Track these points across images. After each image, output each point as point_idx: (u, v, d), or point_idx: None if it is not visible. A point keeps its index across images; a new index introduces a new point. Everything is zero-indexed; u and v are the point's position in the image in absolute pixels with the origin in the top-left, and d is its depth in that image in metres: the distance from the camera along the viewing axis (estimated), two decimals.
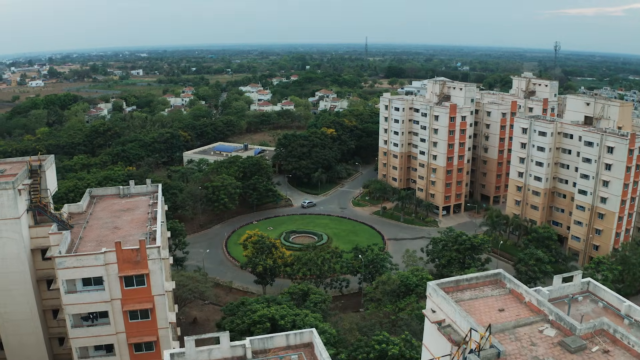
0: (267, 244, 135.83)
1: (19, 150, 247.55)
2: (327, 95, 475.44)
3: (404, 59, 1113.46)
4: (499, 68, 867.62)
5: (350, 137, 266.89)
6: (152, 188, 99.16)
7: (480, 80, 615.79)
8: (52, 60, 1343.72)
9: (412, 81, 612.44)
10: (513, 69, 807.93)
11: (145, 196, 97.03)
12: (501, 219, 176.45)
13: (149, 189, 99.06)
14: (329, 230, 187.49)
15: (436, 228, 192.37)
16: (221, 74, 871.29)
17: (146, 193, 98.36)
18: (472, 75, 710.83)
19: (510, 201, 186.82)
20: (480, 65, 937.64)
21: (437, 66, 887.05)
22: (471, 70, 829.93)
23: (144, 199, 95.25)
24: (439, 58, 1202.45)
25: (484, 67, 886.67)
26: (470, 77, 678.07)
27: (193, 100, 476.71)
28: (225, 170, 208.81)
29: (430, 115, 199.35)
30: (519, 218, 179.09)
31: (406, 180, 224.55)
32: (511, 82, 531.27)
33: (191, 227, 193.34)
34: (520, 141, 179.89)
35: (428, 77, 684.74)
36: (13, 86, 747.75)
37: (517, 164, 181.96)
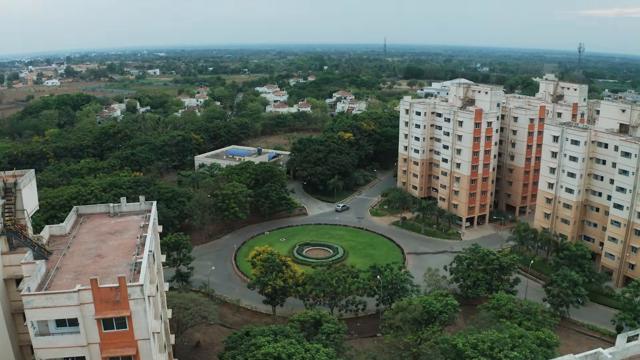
0: (277, 262, 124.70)
1: (25, 153, 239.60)
2: (345, 97, 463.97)
3: (423, 60, 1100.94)
4: (519, 69, 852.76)
5: (368, 141, 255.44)
6: (146, 206, 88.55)
7: (501, 82, 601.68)
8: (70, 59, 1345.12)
9: (432, 82, 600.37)
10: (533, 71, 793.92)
11: (138, 215, 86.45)
12: (529, 233, 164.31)
13: (142, 207, 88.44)
14: (345, 243, 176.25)
15: (459, 241, 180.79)
16: (238, 74, 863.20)
17: (139, 212, 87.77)
18: (492, 76, 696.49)
19: (539, 214, 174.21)
20: (500, 66, 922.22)
21: (457, 67, 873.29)
22: (491, 71, 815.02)
23: (136, 219, 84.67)
24: (458, 59, 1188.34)
25: (504, 69, 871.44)
26: (491, 79, 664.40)
27: (208, 101, 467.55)
28: (236, 177, 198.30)
29: (454, 121, 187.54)
30: (548, 232, 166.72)
31: (427, 188, 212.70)
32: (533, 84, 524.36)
33: (199, 237, 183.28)
34: (550, 150, 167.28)
35: (447, 78, 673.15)
36: (29, 85, 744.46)
37: (547, 174, 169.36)
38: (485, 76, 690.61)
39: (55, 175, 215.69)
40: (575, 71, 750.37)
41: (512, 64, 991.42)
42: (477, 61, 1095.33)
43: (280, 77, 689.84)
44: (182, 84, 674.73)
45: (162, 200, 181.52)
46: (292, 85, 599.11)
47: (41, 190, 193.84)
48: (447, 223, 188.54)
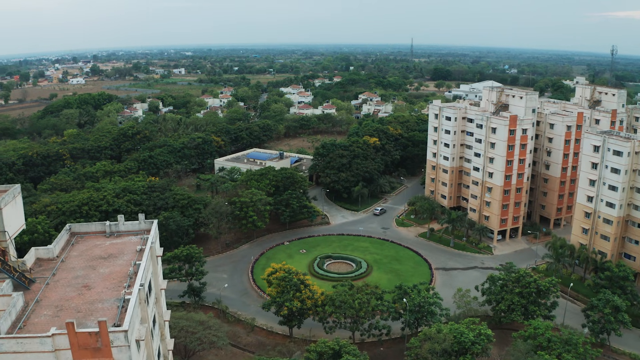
0: (294, 281, 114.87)
1: (41, 154, 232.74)
2: (371, 99, 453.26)
3: (450, 61, 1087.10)
4: (547, 71, 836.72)
5: (394, 146, 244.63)
6: (145, 225, 79.44)
7: (531, 85, 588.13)
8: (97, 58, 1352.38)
9: (460, 84, 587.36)
10: (562, 73, 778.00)
11: (136, 236, 77.34)
12: (566, 249, 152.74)
13: (142, 226, 79.34)
14: (369, 256, 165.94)
15: (490, 256, 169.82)
16: (263, 74, 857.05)
17: (137, 232, 78.67)
18: (521, 78, 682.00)
19: (577, 229, 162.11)
20: (529, 68, 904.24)
21: (484, 69, 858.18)
22: (519, 73, 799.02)
23: (133, 241, 75.53)
24: (486, 60, 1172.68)
25: (532, 70, 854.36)
26: (520, 81, 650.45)
27: (231, 101, 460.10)
28: (256, 184, 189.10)
29: (487, 127, 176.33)
30: (587, 249, 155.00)
31: (456, 198, 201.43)
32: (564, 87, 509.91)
33: (215, 247, 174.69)
34: (590, 160, 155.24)
35: (475, 80, 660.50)
36: (54, 83, 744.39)
37: (587, 186, 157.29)
38: (514, 78, 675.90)
39: (70, 178, 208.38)
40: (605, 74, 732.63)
41: (540, 65, 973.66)
42: (505, 63, 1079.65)
43: (305, 77, 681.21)
44: (207, 84, 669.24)
45: (177, 207, 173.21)
46: (317, 86, 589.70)
47: (53, 194, 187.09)
48: (477, 236, 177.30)
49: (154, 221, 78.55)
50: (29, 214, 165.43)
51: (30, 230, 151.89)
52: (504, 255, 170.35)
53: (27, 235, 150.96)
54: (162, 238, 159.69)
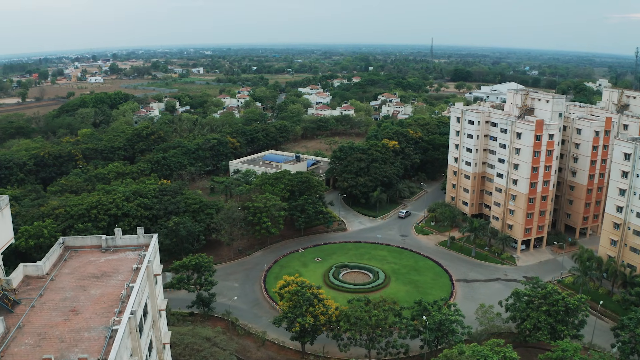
0: (307, 295, 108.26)
1: (52, 155, 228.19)
2: (390, 100, 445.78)
3: (470, 62, 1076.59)
4: (569, 73, 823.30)
5: (414, 150, 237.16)
6: (145, 240, 73.11)
7: (552, 87, 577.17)
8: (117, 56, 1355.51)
9: (481, 86, 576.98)
10: (584, 75, 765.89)
11: (134, 251, 71.20)
12: (593, 261, 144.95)
13: (140, 241, 73.02)
14: (387, 266, 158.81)
15: (514, 267, 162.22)
16: (282, 73, 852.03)
17: (136, 247, 72.49)
18: (542, 80, 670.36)
19: (605, 240, 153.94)
20: (550, 70, 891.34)
21: (505, 70, 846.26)
22: (540, 74, 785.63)
23: (130, 257, 69.39)
24: (506, 61, 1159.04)
25: (553, 72, 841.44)
26: (541, 83, 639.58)
27: (248, 101, 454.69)
28: (270, 188, 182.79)
29: (512, 132, 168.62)
30: (615, 262, 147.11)
31: (478, 205, 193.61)
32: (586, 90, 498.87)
33: (227, 254, 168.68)
34: (620, 169, 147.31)
35: (496, 81, 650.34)
36: (73, 82, 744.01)
37: (616, 196, 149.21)
38: (535, 80, 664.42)
39: (80, 180, 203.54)
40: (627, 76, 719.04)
41: (561, 67, 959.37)
42: (525, 64, 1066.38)
43: (324, 77, 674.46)
44: (225, 83, 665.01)
45: (189, 211, 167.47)
46: (336, 87, 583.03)
47: (62, 196, 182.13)
48: (500, 246, 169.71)
49: (154, 236, 72.26)
50: (36, 217, 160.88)
51: (36, 235, 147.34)
52: (528, 266, 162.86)
53: (32, 239, 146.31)
54: (172, 244, 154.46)
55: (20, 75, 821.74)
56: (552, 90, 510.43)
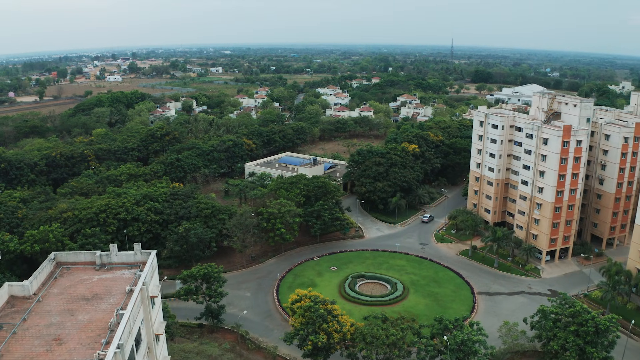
0: (320, 312, 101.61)
1: (64, 155, 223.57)
2: (410, 101, 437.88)
3: (491, 63, 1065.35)
4: (590, 75, 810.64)
5: (435, 154, 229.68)
6: (142, 257, 67.13)
7: (575, 89, 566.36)
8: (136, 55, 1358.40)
9: (502, 87, 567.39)
10: (606, 77, 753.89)
11: (130, 270, 65.27)
12: (622, 275, 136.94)
13: (138, 257, 67.06)
14: (406, 277, 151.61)
15: (538, 279, 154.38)
16: (301, 73, 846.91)
17: (132, 264, 66.57)
18: (564, 82, 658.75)
19: (634, 253, 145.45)
20: (571, 71, 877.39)
21: (526, 72, 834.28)
22: (562, 76, 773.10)
23: (125, 277, 63.44)
24: (527, 63, 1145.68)
25: (574, 74, 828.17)
26: (563, 85, 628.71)
27: (266, 102, 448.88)
28: (285, 193, 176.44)
29: (538, 138, 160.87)
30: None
31: (501, 212, 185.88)
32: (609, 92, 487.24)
33: (239, 261, 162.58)
34: None
35: (518, 83, 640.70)
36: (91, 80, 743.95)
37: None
38: (557, 82, 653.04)
39: (92, 182, 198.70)
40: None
41: (582, 69, 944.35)
42: (546, 65, 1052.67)
43: (342, 78, 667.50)
44: (243, 83, 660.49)
45: (200, 217, 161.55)
46: (355, 87, 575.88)
47: (72, 199, 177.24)
48: (524, 256, 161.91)
49: (151, 253, 66.23)
50: (43, 220, 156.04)
51: (42, 239, 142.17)
52: (553, 278, 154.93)
53: (38, 244, 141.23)
54: (182, 250, 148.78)
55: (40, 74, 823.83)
56: (574, 92, 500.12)
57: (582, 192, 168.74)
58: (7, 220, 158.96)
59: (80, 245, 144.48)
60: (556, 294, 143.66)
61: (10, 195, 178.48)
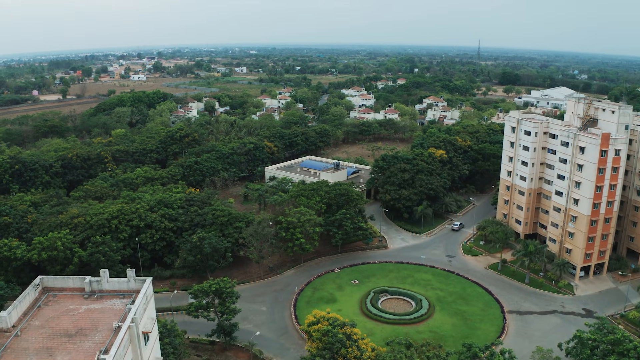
0: (339, 337, 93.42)
1: (81, 157, 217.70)
2: (437, 104, 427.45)
3: (518, 65, 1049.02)
4: (619, 78, 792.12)
5: (463, 160, 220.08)
6: (136, 285, 59.49)
7: (604, 92, 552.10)
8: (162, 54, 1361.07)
9: (531, 90, 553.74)
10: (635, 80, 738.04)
11: (122, 299, 57.89)
12: None
13: (131, 285, 59.47)
14: (431, 292, 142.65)
15: (571, 297, 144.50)
16: (325, 74, 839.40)
17: (125, 292, 59.00)
18: (593, 85, 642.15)
19: None
20: (599, 74, 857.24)
21: (554, 74, 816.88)
22: (590, 79, 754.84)
23: (116, 307, 56.00)
24: (554, 65, 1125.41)
25: (603, 77, 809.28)
26: (592, 88, 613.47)
27: (290, 102, 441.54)
28: (305, 200, 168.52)
29: (574, 146, 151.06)
30: None
31: (533, 224, 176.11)
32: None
33: (256, 271, 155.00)
34: None
35: (546, 85, 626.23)
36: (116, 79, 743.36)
37: None
38: (586, 85, 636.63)
39: (106, 185, 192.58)
40: None
41: (611, 72, 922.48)
42: (574, 68, 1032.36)
43: (368, 79, 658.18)
44: (267, 83, 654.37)
45: (216, 224, 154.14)
46: (380, 89, 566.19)
47: (85, 203, 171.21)
48: (557, 272, 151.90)
49: (147, 281, 58.63)
50: (53, 225, 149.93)
51: (49, 247, 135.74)
52: (587, 296, 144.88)
53: (46, 252, 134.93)
54: (196, 261, 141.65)
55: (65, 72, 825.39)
56: (604, 96, 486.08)
57: (619, 204, 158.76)
58: (17, 225, 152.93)
59: (90, 254, 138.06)
60: (591, 314, 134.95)
61: (21, 198, 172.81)
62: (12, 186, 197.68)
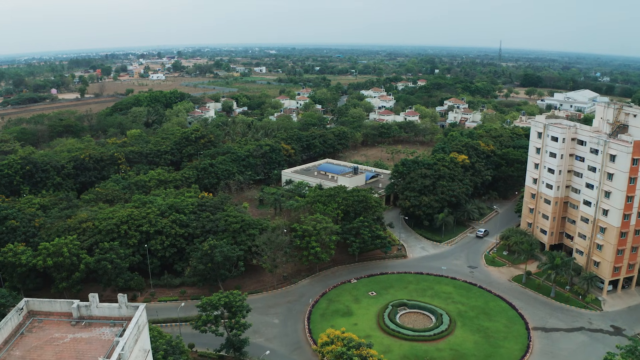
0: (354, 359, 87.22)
1: (94, 158, 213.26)
2: (458, 106, 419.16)
3: (539, 66, 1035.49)
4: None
5: (485, 165, 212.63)
6: (128, 311, 53.68)
7: (628, 95, 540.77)
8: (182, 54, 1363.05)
9: (554, 92, 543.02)
10: None
11: (112, 328, 52.07)
12: None
13: (123, 312, 53.66)
14: (452, 306, 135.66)
15: (599, 312, 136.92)
16: (345, 74, 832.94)
17: (116, 320, 53.26)
18: (616, 88, 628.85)
19: None
20: (622, 76, 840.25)
21: (576, 76, 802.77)
22: (612, 81, 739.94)
23: (105, 337, 50.26)
24: (576, 67, 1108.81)
25: (626, 79, 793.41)
26: (615, 91, 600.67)
27: (308, 103, 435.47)
28: (322, 207, 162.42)
29: (604, 154, 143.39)
30: None
31: (559, 234, 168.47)
32: None
33: (270, 280, 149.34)
34: None
35: (568, 88, 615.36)
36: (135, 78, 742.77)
37: None
38: (609, 87, 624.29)
39: (118, 188, 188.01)
40: None
41: (634, 74, 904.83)
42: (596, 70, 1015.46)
43: (387, 79, 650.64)
44: (286, 84, 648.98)
45: (229, 231, 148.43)
46: (400, 90, 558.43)
47: (95, 206, 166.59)
48: (584, 286, 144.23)
49: (140, 307, 52.80)
50: (61, 230, 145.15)
51: (55, 253, 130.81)
52: (616, 312, 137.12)
53: (52, 258, 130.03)
54: (207, 270, 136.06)
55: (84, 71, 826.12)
56: (628, 99, 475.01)
57: None
58: (23, 229, 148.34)
59: (96, 261, 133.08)
60: (620, 331, 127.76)
61: (29, 201, 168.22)
62: (23, 187, 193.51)
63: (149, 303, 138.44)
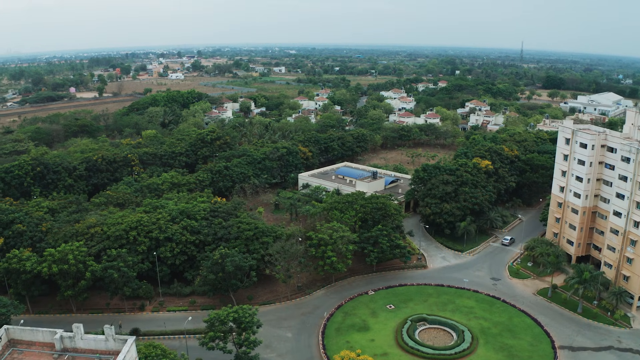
0: None
1: (106, 159, 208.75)
2: (480, 108, 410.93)
3: (561, 68, 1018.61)
4: None
5: (509, 171, 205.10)
6: (115, 345, 47.77)
7: None
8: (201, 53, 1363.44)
9: (577, 95, 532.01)
10: None
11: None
12: None
13: (109, 345, 47.78)
14: (474, 322, 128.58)
15: (629, 330, 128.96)
16: (365, 75, 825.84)
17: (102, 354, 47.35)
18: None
19: None
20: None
21: (598, 78, 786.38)
22: (635, 84, 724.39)
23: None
24: (598, 69, 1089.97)
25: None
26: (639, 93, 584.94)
27: (327, 104, 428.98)
28: (339, 214, 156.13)
29: (636, 162, 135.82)
30: None
31: (586, 245, 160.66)
32: None
33: (284, 290, 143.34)
34: None
35: (591, 90, 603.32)
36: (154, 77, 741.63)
37: None
38: (633, 90, 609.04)
39: (130, 190, 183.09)
40: None
41: None
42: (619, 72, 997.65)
43: (408, 80, 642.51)
44: (305, 84, 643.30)
45: (241, 239, 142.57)
46: (421, 91, 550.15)
47: (105, 210, 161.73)
48: (614, 301, 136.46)
49: (128, 341, 46.98)
50: (68, 235, 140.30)
51: (61, 259, 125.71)
52: None
53: (57, 265, 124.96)
54: (218, 279, 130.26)
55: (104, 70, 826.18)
56: None
57: None
58: (30, 234, 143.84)
59: (103, 269, 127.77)
60: None
61: (38, 204, 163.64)
62: (34, 189, 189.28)
63: (158, 313, 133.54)
